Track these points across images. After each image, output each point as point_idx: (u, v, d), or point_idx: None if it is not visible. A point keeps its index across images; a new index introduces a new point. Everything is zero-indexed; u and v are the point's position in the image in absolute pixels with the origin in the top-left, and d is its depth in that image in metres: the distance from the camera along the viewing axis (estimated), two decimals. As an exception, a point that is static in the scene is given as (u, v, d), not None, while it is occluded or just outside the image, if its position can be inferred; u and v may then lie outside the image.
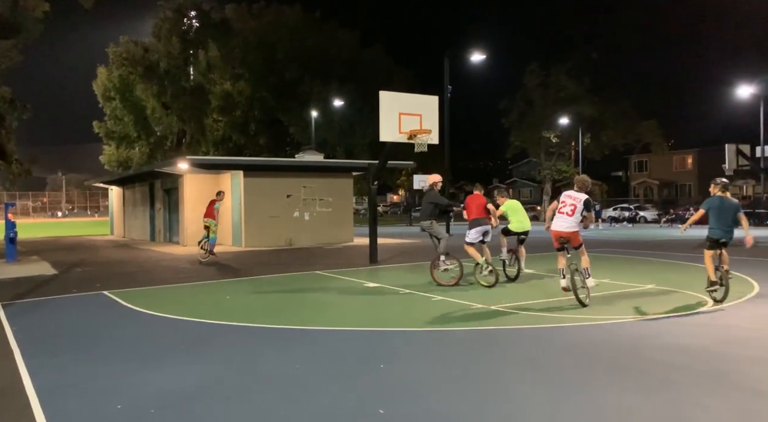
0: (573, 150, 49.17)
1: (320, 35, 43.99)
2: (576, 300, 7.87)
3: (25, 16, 20.53)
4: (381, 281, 10.81)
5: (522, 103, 47.59)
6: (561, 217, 8.00)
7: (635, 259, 14.29)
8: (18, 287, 10.84)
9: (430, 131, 12.81)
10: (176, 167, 19.40)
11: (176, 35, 43.16)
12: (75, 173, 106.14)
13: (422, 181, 36.14)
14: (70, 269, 13.89)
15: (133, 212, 27.78)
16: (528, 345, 6.12)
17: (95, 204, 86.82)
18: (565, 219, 7.96)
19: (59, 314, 8.28)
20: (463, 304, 8.34)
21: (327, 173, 21.17)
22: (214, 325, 7.34)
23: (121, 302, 9.01)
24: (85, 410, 4.37)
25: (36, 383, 4.97)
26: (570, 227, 7.94)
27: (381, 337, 6.59)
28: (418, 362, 5.52)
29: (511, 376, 5.06)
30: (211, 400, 4.55)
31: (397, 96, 13.24)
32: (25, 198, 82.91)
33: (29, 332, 7.05)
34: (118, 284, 11.08)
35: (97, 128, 45.54)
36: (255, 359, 5.73)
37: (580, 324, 6.97)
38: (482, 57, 26.32)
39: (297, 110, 42.22)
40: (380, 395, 4.60)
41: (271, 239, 19.37)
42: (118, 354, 5.99)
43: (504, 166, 73.59)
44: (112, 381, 5.03)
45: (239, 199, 19.50)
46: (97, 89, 44.50)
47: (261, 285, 10.88)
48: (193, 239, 20.38)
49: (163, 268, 14.03)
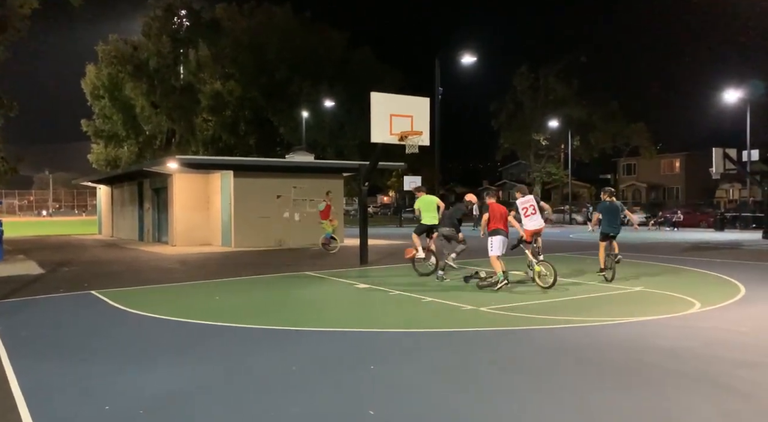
0: (562, 152, 49.51)
1: (310, 36, 43.92)
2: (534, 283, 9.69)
3: (12, 12, 20.30)
4: (371, 283, 10.82)
5: (512, 106, 47.87)
6: (532, 218, 10.01)
7: (624, 261, 14.38)
8: (4, 287, 10.72)
9: (422, 133, 12.85)
10: (165, 166, 19.29)
11: (166, 34, 42.89)
12: (62, 171, 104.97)
13: (413, 182, 36.19)
14: (58, 269, 13.76)
15: (122, 211, 27.57)
16: (517, 347, 6.15)
17: (83, 203, 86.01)
18: (536, 218, 10.02)
19: (46, 314, 8.20)
20: (453, 305, 8.37)
21: (317, 174, 21.15)
22: (204, 325, 7.31)
23: (109, 302, 8.94)
24: (72, 411, 4.33)
25: (22, 383, 4.92)
26: (542, 222, 10.15)
27: (371, 338, 6.60)
28: (408, 363, 5.54)
29: (500, 377, 5.09)
30: (202, 401, 4.54)
31: (388, 97, 13.26)
32: (11, 196, 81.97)
33: (16, 332, 6.98)
34: (106, 283, 10.99)
35: (86, 127, 45.14)
36: (245, 360, 5.72)
37: (569, 325, 7.02)
38: (473, 59, 26.45)
39: (287, 110, 42.11)
40: (370, 396, 4.61)
41: (261, 240, 19.31)
42: (107, 355, 5.95)
43: (494, 168, 73.82)
44: (100, 382, 4.99)
45: (229, 199, 19.43)
46: (86, 87, 44.12)
47: (250, 286, 10.85)
48: (182, 238, 20.31)
49: (151, 268, 13.95)
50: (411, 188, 12.23)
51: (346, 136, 42.30)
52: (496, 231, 9.68)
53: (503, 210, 9.92)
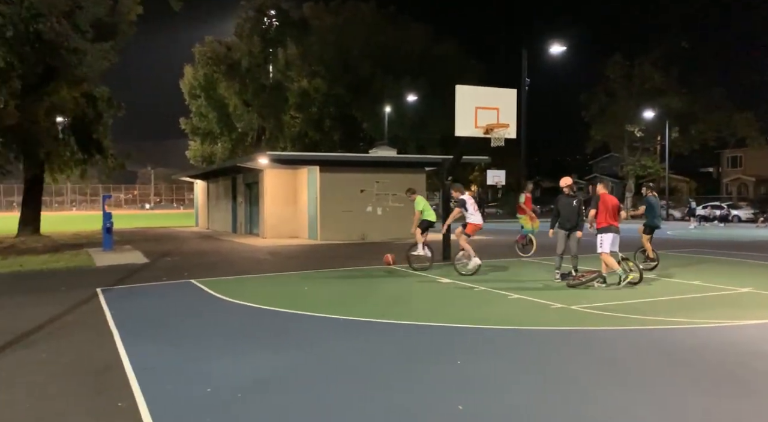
0: (659, 145, 46.70)
1: (393, 30, 44.16)
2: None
3: (121, 18, 21.93)
4: (455, 278, 10.74)
5: (603, 96, 45.71)
6: (478, 213, 10.97)
7: (730, 261, 13.39)
8: (115, 274, 11.65)
9: (508, 125, 12.54)
10: (257, 162, 20.12)
11: (257, 34, 44.70)
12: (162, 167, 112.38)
13: (496, 176, 35.56)
14: (160, 259, 14.76)
15: (217, 204, 29.11)
16: (609, 347, 5.89)
17: (181, 197, 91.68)
18: (479, 215, 11.01)
19: (152, 300, 8.82)
20: (542, 303, 8.14)
21: (400, 169, 21.26)
22: (294, 314, 7.57)
23: (207, 290, 9.48)
24: (178, 390, 4.64)
25: (133, 363, 5.33)
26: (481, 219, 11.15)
27: (458, 333, 6.56)
28: (495, 359, 5.45)
29: (591, 377, 4.89)
30: (295, 387, 4.71)
31: (473, 90, 13.05)
32: (118, 191, 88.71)
33: (126, 315, 7.57)
34: (204, 273, 11.66)
35: (184, 125, 48.04)
36: (333, 349, 5.86)
37: (668, 327, 6.63)
38: (562, 48, 25.51)
39: (370, 105, 42.64)
40: (458, 391, 4.58)
41: (345, 233, 19.70)
42: (207, 339, 6.31)
43: (584, 161, 70.87)
44: (200, 365, 5.31)
45: (315, 193, 19.97)
46: (184, 87, 46.88)
47: (337, 278, 11.11)
48: (272, 231, 21.14)
49: (244, 259, 14.62)
50: (405, 194, 12.30)
51: (427, 130, 42.21)
52: (609, 228, 9.04)
53: (615, 202, 9.27)
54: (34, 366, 5.32)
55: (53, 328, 6.84)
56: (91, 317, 7.48)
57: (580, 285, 9.22)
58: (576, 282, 9.31)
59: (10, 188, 72.75)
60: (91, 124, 24.47)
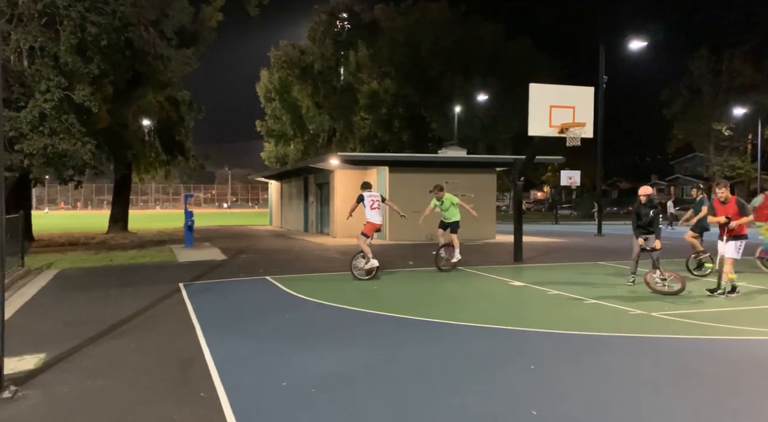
0: (750, 144, 43.70)
1: (464, 30, 43.77)
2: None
3: (202, 25, 23.01)
4: (526, 281, 10.51)
5: (687, 93, 43.38)
6: (377, 212, 11.26)
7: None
8: (195, 270, 12.23)
9: (584, 124, 12.14)
10: (328, 163, 20.52)
11: (329, 37, 45.62)
12: (239, 168, 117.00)
13: (570, 177, 34.45)
14: (237, 256, 15.35)
15: (289, 204, 29.94)
16: (692, 356, 5.57)
17: (255, 197, 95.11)
18: (379, 213, 11.31)
19: (230, 296, 9.20)
20: (620, 309, 7.82)
21: (469, 169, 21.03)
22: (364, 313, 7.67)
23: (281, 287, 9.78)
24: (256, 384, 4.81)
25: (214, 355, 5.58)
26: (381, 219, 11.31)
27: (529, 337, 6.42)
28: (570, 365, 5.29)
29: (673, 387, 4.65)
30: (366, 385, 4.77)
31: (548, 88, 12.72)
32: (197, 190, 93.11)
33: (206, 309, 7.93)
34: (278, 270, 12.02)
35: (259, 127, 49.79)
36: (404, 348, 5.89)
37: (759, 337, 6.19)
38: (642, 44, 24.37)
39: (439, 105, 42.47)
40: (532, 396, 4.48)
41: (413, 234, 19.67)
42: (280, 335, 6.50)
43: (665, 161, 67.38)
44: (275, 359, 5.48)
45: (385, 194, 20.10)
46: (260, 91, 48.58)
47: (406, 278, 11.14)
48: (342, 230, 21.47)
49: (315, 257, 14.95)
50: (432, 190, 12.33)
51: (498, 130, 41.56)
52: (743, 236, 8.58)
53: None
54: (125, 356, 5.68)
55: (140, 320, 7.28)
56: (174, 310, 7.89)
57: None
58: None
59: (101, 187, 78.18)
60: (174, 126, 25.83)
